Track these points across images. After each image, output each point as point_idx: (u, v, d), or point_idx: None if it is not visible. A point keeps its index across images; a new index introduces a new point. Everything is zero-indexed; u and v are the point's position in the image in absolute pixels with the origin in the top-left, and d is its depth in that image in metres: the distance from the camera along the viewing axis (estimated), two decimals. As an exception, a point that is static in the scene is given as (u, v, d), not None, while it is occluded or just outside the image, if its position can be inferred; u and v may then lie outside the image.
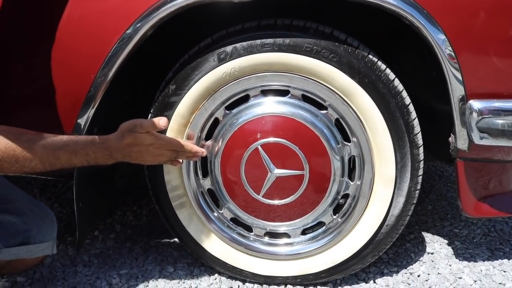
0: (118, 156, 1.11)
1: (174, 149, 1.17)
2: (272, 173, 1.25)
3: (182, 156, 1.21)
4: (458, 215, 1.85)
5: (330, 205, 1.28)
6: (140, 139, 1.11)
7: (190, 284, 1.37)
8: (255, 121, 1.24)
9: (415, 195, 1.26)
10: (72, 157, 1.07)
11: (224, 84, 1.21)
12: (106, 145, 1.10)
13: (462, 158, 1.24)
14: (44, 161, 1.04)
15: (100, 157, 1.10)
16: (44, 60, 1.18)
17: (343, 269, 1.32)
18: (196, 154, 1.21)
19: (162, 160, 1.18)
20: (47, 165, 1.04)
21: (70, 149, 1.06)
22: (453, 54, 1.12)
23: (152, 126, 1.12)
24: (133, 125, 1.11)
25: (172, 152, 1.17)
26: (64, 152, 1.05)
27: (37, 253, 1.23)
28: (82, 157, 1.08)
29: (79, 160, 1.08)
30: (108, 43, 1.15)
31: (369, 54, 1.18)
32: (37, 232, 1.21)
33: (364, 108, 1.19)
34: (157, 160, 1.17)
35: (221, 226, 1.34)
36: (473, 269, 1.46)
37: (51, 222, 1.27)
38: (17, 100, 1.27)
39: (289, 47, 1.16)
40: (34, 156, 1.02)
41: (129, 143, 1.11)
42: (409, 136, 1.21)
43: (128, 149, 1.11)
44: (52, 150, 1.04)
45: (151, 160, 1.16)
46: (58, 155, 1.05)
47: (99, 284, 1.36)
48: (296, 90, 1.23)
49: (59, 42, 1.17)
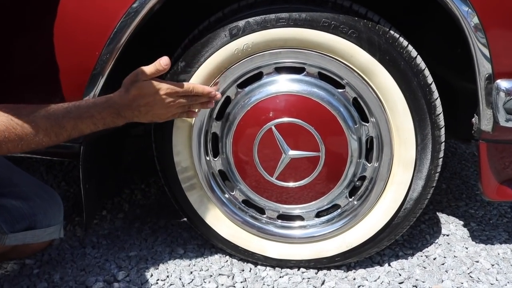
0: (127, 113, 1.05)
1: (185, 95, 1.09)
2: (287, 154, 1.20)
3: (195, 104, 1.12)
4: (473, 194, 1.81)
5: (346, 187, 1.24)
6: (145, 88, 1.04)
7: (200, 266, 1.34)
8: (268, 100, 1.19)
9: (435, 178, 1.21)
10: (78, 122, 1.00)
11: (236, 61, 1.15)
12: (111, 103, 1.03)
13: (485, 139, 1.19)
14: (50, 133, 0.98)
15: (107, 117, 1.03)
16: (47, 36, 1.12)
17: (358, 253, 1.28)
18: (210, 97, 1.12)
19: (175, 111, 1.09)
20: (53, 136, 0.98)
21: (74, 115, 1.00)
22: (481, 28, 1.05)
23: (155, 69, 1.04)
24: (135, 74, 1.04)
25: (183, 98, 1.08)
26: (68, 119, 0.99)
27: (44, 237, 1.20)
28: (88, 120, 1.01)
29: (86, 125, 1.01)
30: (114, 18, 1.08)
31: (390, 29, 1.11)
32: (43, 216, 1.18)
33: (384, 87, 1.13)
34: (170, 112, 1.09)
35: (233, 208, 1.30)
36: (490, 252, 1.43)
37: (57, 205, 1.23)
38: (19, 79, 1.22)
39: (306, 22, 1.09)
40: (38, 129, 0.96)
41: (135, 95, 1.04)
42: (431, 116, 1.15)
43: (135, 102, 1.04)
44: (55, 119, 0.98)
45: (164, 113, 1.08)
46: (62, 124, 0.99)
47: (108, 267, 1.33)
48: (312, 67, 1.17)
49: (62, 17, 1.10)
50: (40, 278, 1.29)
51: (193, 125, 1.22)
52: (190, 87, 1.09)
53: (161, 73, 1.06)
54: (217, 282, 1.28)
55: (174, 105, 1.08)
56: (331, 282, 1.28)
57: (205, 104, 1.14)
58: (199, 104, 1.13)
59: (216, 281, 1.28)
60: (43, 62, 1.17)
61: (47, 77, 1.18)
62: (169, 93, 1.06)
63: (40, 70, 1.20)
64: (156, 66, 1.04)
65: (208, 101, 1.13)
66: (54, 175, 1.91)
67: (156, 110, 1.06)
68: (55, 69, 1.15)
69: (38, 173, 1.92)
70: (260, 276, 1.31)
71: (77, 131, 1.02)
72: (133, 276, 1.29)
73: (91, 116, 1.02)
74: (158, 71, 1.04)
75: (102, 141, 1.32)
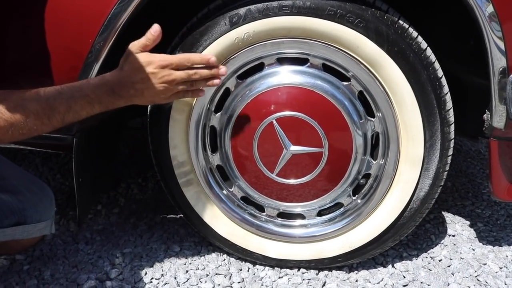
0: (122, 91, 0.96)
1: (182, 67, 0.98)
2: (288, 150, 1.14)
3: (198, 80, 1.00)
4: (480, 193, 1.75)
5: (349, 185, 1.18)
6: (136, 61, 0.95)
7: (197, 265, 1.29)
8: (270, 92, 1.13)
9: (443, 176, 1.16)
10: (72, 103, 0.93)
11: (236, 50, 1.09)
12: (104, 81, 0.96)
13: (496, 137, 1.13)
14: (41, 116, 0.90)
15: (103, 96, 0.95)
16: (38, 23, 1.07)
17: (361, 254, 1.23)
18: (213, 70, 1.00)
19: (175, 88, 0.98)
20: (46, 120, 0.91)
21: (67, 95, 0.93)
22: (497, 20, 0.99)
23: (145, 39, 0.96)
24: (127, 50, 0.97)
25: (183, 74, 0.98)
26: (60, 101, 0.92)
27: (34, 233, 1.15)
28: (82, 100, 0.94)
29: (81, 105, 0.94)
30: (108, 4, 1.03)
31: (399, 19, 1.05)
32: (33, 211, 1.12)
33: (392, 80, 1.07)
34: (169, 89, 0.98)
35: (231, 206, 1.25)
36: (498, 255, 1.37)
37: (49, 200, 1.18)
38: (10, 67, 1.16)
39: (310, 10, 1.03)
40: (28, 113, 0.89)
41: (127, 70, 0.96)
42: (440, 112, 1.09)
43: (129, 78, 0.96)
44: (47, 101, 0.91)
45: (162, 91, 0.97)
46: (54, 106, 0.91)
47: (101, 264, 1.28)
48: (316, 58, 1.11)
49: (54, 3, 1.05)
50: (30, 274, 1.24)
51: (190, 117, 1.16)
52: (186, 57, 0.99)
53: (154, 42, 0.97)
54: (214, 282, 1.23)
55: (172, 81, 0.98)
56: (333, 283, 1.23)
57: (210, 81, 1.02)
58: (202, 81, 1.01)
59: (212, 280, 1.23)
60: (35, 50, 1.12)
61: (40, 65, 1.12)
62: (162, 65, 0.96)
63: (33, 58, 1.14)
64: (147, 36, 0.97)
65: (212, 76, 1.02)
66: (50, 167, 1.86)
67: (154, 88, 0.97)
68: (48, 57, 1.10)
69: (33, 165, 1.87)
70: (259, 276, 1.26)
71: (72, 114, 0.94)
72: (126, 274, 1.25)
73: (85, 96, 0.94)
74: (149, 40, 0.96)
75: (96, 133, 1.26)
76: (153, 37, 0.97)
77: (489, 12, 1.00)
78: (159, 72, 0.97)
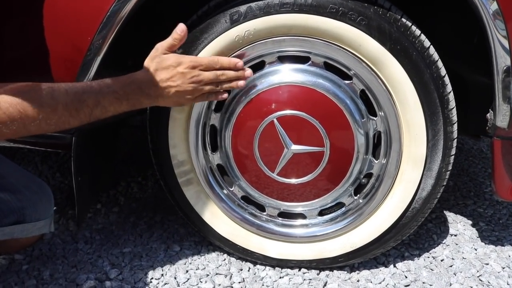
0: (150, 90, 0.98)
1: (211, 69, 1.02)
2: (289, 149, 1.13)
3: (224, 81, 1.04)
4: (482, 192, 1.74)
5: (351, 185, 1.17)
6: (165, 61, 0.99)
7: (197, 265, 1.28)
8: (270, 91, 1.12)
9: (445, 176, 1.15)
10: (100, 98, 0.94)
11: (237, 48, 1.08)
12: (133, 78, 0.98)
13: (499, 136, 1.12)
14: (70, 108, 0.90)
15: (131, 94, 0.97)
16: (36, 20, 1.06)
17: (362, 254, 1.22)
18: (238, 72, 1.05)
19: (202, 89, 1.02)
20: (74, 111, 0.91)
21: (95, 90, 0.94)
22: (501, 18, 0.98)
23: (172, 39, 0.99)
24: (154, 50, 1.00)
25: (212, 74, 1.01)
26: (89, 94, 0.93)
27: (33, 232, 1.14)
28: (111, 96, 0.95)
29: (109, 101, 0.95)
30: (106, 1, 1.01)
31: (402, 17, 1.04)
32: (32, 210, 1.12)
33: (395, 79, 1.06)
34: (197, 90, 1.01)
35: (231, 205, 1.24)
36: (501, 254, 1.36)
37: (48, 199, 1.17)
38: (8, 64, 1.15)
39: (312, 7, 1.02)
40: (57, 103, 0.89)
41: (155, 70, 0.98)
42: (443, 111, 1.08)
43: (157, 77, 0.98)
44: (75, 94, 0.91)
45: (190, 92, 1.00)
46: (83, 98, 0.92)
47: (100, 264, 1.27)
48: (317, 57, 1.10)
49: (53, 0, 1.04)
50: (29, 274, 1.23)
51: (190, 116, 1.15)
52: (215, 59, 1.03)
53: (180, 42, 1.00)
54: (214, 282, 1.22)
55: (200, 82, 1.01)
56: (334, 284, 1.22)
57: (235, 83, 1.06)
58: (228, 82, 1.05)
59: (212, 281, 1.22)
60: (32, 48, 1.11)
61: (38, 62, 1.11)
62: (192, 66, 1.00)
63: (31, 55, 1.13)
64: (173, 36, 0.99)
65: (237, 78, 1.05)
66: (49, 166, 1.85)
67: (180, 87, 1.00)
68: (47, 55, 1.09)
69: (32, 163, 1.86)
70: (259, 276, 1.25)
71: (100, 109, 0.95)
72: (126, 274, 1.24)
73: (113, 92, 0.96)
74: (176, 39, 0.99)
75: (95, 131, 1.25)
76: (179, 36, 0.99)
77: (493, 10, 0.99)
78: (189, 72, 1.00)
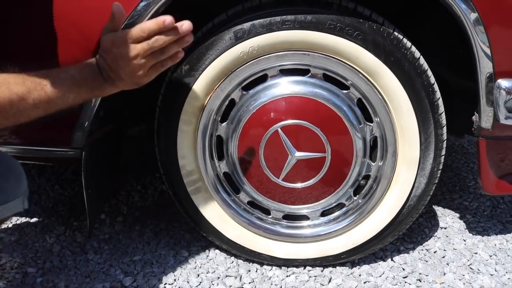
0: (104, 73, 0.93)
1: (142, 39, 0.90)
2: (293, 156, 1.20)
3: (168, 46, 0.91)
4: (466, 186, 1.85)
5: (351, 186, 1.26)
6: (104, 43, 0.91)
7: (207, 268, 1.34)
8: (274, 103, 1.19)
9: (437, 175, 1.24)
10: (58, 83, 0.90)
11: (241, 63, 1.15)
12: (88, 63, 0.94)
13: (484, 136, 1.22)
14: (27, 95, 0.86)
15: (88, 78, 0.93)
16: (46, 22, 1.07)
17: (363, 250, 1.30)
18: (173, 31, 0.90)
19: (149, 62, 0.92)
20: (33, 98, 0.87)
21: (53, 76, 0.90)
22: (482, 28, 1.07)
23: (110, 19, 0.91)
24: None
25: (144, 45, 0.90)
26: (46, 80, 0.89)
27: (5, 213, 1.04)
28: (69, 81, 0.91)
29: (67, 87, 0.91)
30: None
31: (394, 31, 1.12)
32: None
33: (389, 88, 1.14)
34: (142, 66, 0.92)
35: (238, 210, 1.31)
36: (488, 244, 1.47)
37: (16, 177, 1.05)
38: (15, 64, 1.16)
39: (311, 24, 1.10)
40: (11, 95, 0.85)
41: (101, 52, 0.93)
42: (434, 116, 1.17)
43: (104, 61, 0.92)
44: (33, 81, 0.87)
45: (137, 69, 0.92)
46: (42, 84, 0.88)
47: (113, 272, 1.32)
48: (316, 69, 1.17)
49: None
50: (44, 286, 1.27)
51: (198, 128, 1.21)
52: (141, 27, 0.90)
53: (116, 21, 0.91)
54: (225, 284, 1.28)
55: (136, 56, 0.91)
56: (338, 279, 1.30)
57: (181, 41, 0.92)
58: (172, 45, 0.92)
59: (224, 283, 1.29)
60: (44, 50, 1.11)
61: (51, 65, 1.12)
62: (122, 42, 0.91)
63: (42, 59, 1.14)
64: (111, 14, 0.91)
65: (180, 37, 0.91)
66: (47, 179, 1.87)
67: (124, 66, 0.92)
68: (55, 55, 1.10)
69: (29, 176, 1.88)
70: (267, 276, 1.32)
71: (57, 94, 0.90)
72: (140, 281, 1.29)
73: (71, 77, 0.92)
74: (114, 18, 0.91)
75: (101, 144, 1.30)
76: (116, 13, 0.91)
77: (473, 19, 1.07)
78: (122, 51, 0.91)
